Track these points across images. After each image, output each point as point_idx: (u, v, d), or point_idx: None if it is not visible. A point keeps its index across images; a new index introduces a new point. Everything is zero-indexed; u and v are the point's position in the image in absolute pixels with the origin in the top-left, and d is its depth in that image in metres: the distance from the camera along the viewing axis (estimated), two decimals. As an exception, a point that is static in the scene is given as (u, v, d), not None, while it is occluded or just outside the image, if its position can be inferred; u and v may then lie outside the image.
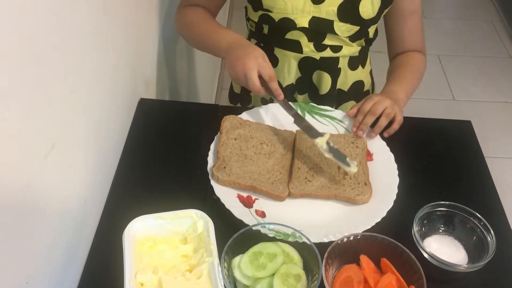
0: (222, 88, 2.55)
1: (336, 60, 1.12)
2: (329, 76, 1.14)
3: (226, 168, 0.88)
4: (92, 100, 0.83)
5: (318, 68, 1.13)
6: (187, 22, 1.10)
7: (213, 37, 1.03)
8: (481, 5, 3.45)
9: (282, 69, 1.14)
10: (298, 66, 1.13)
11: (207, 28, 1.06)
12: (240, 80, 0.94)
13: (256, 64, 0.92)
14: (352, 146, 0.96)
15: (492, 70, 2.90)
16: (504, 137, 2.47)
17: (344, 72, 1.15)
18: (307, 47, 1.09)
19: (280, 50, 1.12)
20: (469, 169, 0.99)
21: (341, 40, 1.08)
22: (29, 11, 0.58)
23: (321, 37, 1.08)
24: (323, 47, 1.09)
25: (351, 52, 1.12)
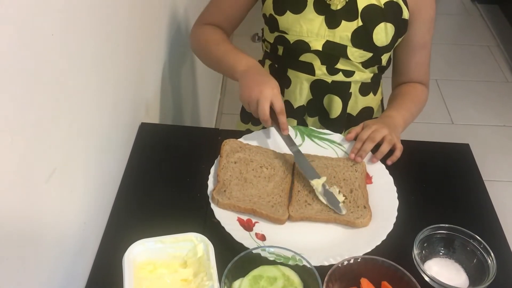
0: (222, 113, 2.56)
1: (348, 84, 1.14)
2: (340, 100, 1.15)
3: (226, 192, 0.88)
4: (94, 124, 0.84)
5: (330, 92, 1.15)
6: (204, 41, 1.13)
7: (230, 58, 1.05)
8: (477, 30, 3.50)
9: (294, 90, 1.16)
10: (310, 88, 1.15)
11: (225, 49, 1.08)
12: (251, 105, 0.96)
13: (271, 94, 0.94)
14: (351, 170, 0.96)
15: (489, 94, 2.92)
16: (503, 161, 2.48)
17: (354, 97, 1.17)
18: (320, 70, 1.11)
19: (293, 71, 1.14)
20: (468, 192, 0.99)
21: (353, 65, 1.10)
22: (32, 38, 0.60)
23: (334, 61, 1.10)
24: (336, 71, 1.11)
25: (363, 78, 1.14)
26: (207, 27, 1.15)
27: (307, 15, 1.06)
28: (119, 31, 0.93)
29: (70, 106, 0.73)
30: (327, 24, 1.06)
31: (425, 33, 1.13)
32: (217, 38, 1.11)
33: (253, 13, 1.21)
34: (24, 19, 0.57)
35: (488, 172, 1.30)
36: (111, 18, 0.88)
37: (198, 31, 1.16)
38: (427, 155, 1.06)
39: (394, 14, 1.05)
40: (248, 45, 2.70)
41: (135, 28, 1.03)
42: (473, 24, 3.57)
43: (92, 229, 0.84)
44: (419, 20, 1.09)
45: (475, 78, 3.05)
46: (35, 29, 0.60)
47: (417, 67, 1.18)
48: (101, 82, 0.86)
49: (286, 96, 1.18)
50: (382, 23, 1.05)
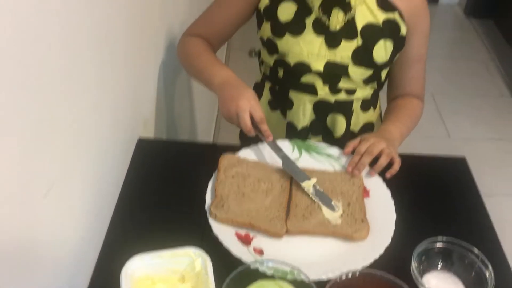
0: (220, 128, 2.57)
1: (350, 102, 1.15)
2: (344, 118, 1.16)
3: (224, 206, 0.88)
4: (92, 139, 0.84)
5: (333, 111, 1.15)
6: (188, 52, 1.14)
7: (208, 71, 1.06)
8: (472, 45, 3.53)
9: (297, 111, 1.16)
10: (313, 108, 1.15)
11: (204, 61, 1.09)
12: (232, 119, 0.97)
13: (248, 105, 0.95)
14: (349, 184, 0.97)
15: (485, 108, 2.94)
16: (500, 174, 2.48)
17: (356, 114, 1.18)
18: (322, 90, 1.12)
19: (295, 93, 1.14)
20: (466, 205, 0.99)
21: (355, 83, 1.11)
22: (30, 51, 0.60)
23: (336, 80, 1.10)
24: (338, 90, 1.12)
25: (365, 95, 1.15)
26: (193, 38, 1.16)
27: (306, 36, 1.06)
28: (118, 47, 0.94)
29: (69, 121, 0.73)
30: (327, 45, 1.07)
31: (421, 48, 1.14)
32: (200, 50, 1.12)
33: (249, 28, 1.22)
34: (22, 34, 0.58)
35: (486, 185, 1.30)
36: (109, 34, 0.89)
37: (184, 41, 1.17)
38: (423, 169, 1.06)
39: (392, 31, 1.07)
40: (244, 60, 2.71)
41: (133, 43, 1.04)
42: (468, 39, 3.61)
43: (90, 244, 0.84)
44: (415, 35, 1.11)
45: (471, 92, 3.07)
46: (34, 44, 0.61)
47: (413, 80, 1.19)
48: (99, 97, 0.86)
49: (289, 117, 1.18)
50: (381, 41, 1.06)
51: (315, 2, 1.05)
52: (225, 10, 1.15)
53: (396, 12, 1.06)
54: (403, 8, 1.07)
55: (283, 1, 1.07)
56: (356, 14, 1.05)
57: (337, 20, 1.05)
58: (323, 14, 1.05)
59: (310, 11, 1.06)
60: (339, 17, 1.05)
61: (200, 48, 1.13)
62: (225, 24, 1.16)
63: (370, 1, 1.05)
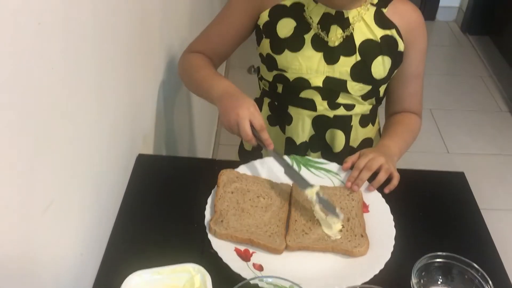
0: (219, 144, 2.58)
1: (349, 118, 1.16)
2: (343, 134, 1.17)
3: (223, 222, 0.88)
4: (91, 155, 0.84)
5: (332, 126, 1.16)
6: (188, 68, 1.15)
7: (207, 83, 1.07)
8: (469, 61, 3.56)
9: (296, 127, 1.17)
10: (312, 124, 1.16)
11: (204, 74, 1.10)
12: (233, 129, 0.97)
13: (248, 114, 0.95)
14: (348, 199, 0.97)
15: (484, 123, 2.96)
16: (499, 189, 2.49)
17: (355, 130, 1.18)
18: (321, 106, 1.12)
19: (295, 108, 1.15)
20: (465, 220, 0.99)
21: (354, 99, 1.12)
22: (32, 70, 0.61)
23: (334, 95, 1.11)
24: (337, 105, 1.13)
25: (363, 111, 1.16)
26: (193, 54, 1.17)
27: (305, 52, 1.07)
28: (117, 63, 0.95)
29: (68, 138, 0.74)
30: (326, 61, 1.08)
31: (418, 64, 1.15)
32: (200, 64, 1.13)
33: (248, 46, 1.23)
34: (25, 52, 0.59)
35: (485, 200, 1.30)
36: (110, 50, 0.90)
37: (185, 57, 1.18)
38: (422, 184, 1.06)
39: (390, 47, 1.08)
40: (243, 77, 2.73)
41: (133, 60, 1.05)
42: (465, 55, 3.64)
43: (89, 261, 0.84)
44: (412, 52, 1.12)
45: (469, 107, 3.09)
46: (37, 63, 0.62)
47: (411, 97, 1.19)
48: (99, 114, 0.87)
49: (288, 133, 1.19)
50: (380, 57, 1.07)
51: (313, 19, 1.06)
52: (225, 28, 1.16)
53: (394, 29, 1.08)
54: (401, 25, 1.08)
55: (282, 18, 1.08)
56: (354, 31, 1.06)
57: (335, 36, 1.06)
58: (322, 31, 1.06)
59: (309, 27, 1.07)
60: (338, 33, 1.06)
61: (200, 62, 1.14)
62: (226, 41, 1.17)
63: (368, 18, 1.06)
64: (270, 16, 1.09)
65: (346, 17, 1.06)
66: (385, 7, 1.08)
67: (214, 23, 1.18)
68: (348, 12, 1.06)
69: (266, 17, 1.09)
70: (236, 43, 1.18)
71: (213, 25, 1.18)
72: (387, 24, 1.07)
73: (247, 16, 1.13)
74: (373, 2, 1.07)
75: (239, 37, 1.16)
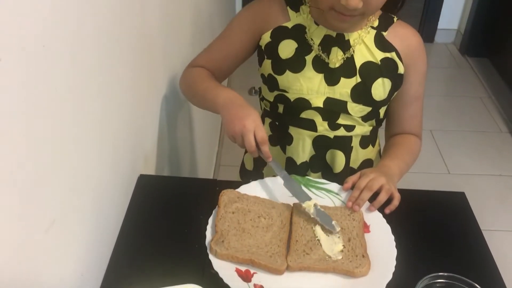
0: (220, 165, 2.58)
1: (349, 139, 1.16)
2: (343, 154, 1.17)
3: (224, 242, 0.88)
4: (93, 176, 0.85)
5: (332, 147, 1.17)
6: (191, 80, 1.17)
7: (211, 93, 1.08)
8: (468, 82, 3.59)
9: (296, 147, 1.18)
10: (312, 144, 1.17)
11: (208, 85, 1.11)
12: (237, 140, 0.99)
13: (254, 126, 0.97)
14: (349, 219, 0.97)
15: (484, 144, 2.96)
16: (501, 210, 2.48)
17: (355, 151, 1.19)
18: (322, 126, 1.13)
19: (295, 128, 1.16)
20: (466, 240, 0.99)
21: (354, 120, 1.13)
22: (36, 92, 0.62)
23: (335, 116, 1.12)
24: (337, 126, 1.14)
25: (363, 132, 1.17)
26: (196, 68, 1.18)
27: (306, 73, 1.09)
28: (119, 84, 0.96)
29: (70, 158, 0.74)
30: (327, 82, 1.09)
31: (418, 87, 1.16)
32: (203, 77, 1.15)
33: (249, 67, 1.25)
34: (30, 76, 0.60)
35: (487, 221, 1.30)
36: (112, 71, 0.91)
37: (188, 71, 1.20)
38: (423, 204, 1.06)
39: (390, 69, 1.09)
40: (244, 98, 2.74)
41: (134, 80, 1.07)
42: (464, 77, 3.67)
43: (90, 281, 0.83)
44: (412, 74, 1.13)
45: (469, 128, 3.10)
46: (41, 86, 0.63)
47: (411, 119, 1.20)
48: (101, 134, 0.87)
49: (289, 153, 1.20)
50: (380, 79, 1.08)
51: (315, 41, 1.08)
52: (227, 46, 1.18)
53: (394, 52, 1.09)
54: (401, 49, 1.10)
55: (284, 39, 1.10)
56: (355, 53, 1.08)
57: (336, 58, 1.08)
58: (323, 52, 1.08)
59: (310, 49, 1.09)
60: (338, 55, 1.08)
61: (204, 75, 1.15)
62: (227, 59, 1.19)
63: (368, 41, 1.08)
64: (272, 37, 1.11)
65: (347, 39, 1.08)
66: (385, 31, 1.10)
67: (217, 40, 1.20)
68: (349, 35, 1.08)
69: (268, 38, 1.11)
70: (238, 62, 1.20)
71: (216, 43, 1.20)
72: (387, 47, 1.09)
73: (248, 36, 1.15)
74: (373, 25, 1.09)
75: (240, 56, 1.18)
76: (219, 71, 1.19)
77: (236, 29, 1.17)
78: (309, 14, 1.09)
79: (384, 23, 1.10)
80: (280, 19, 1.11)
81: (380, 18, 1.10)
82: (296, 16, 1.10)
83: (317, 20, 1.09)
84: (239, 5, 3.73)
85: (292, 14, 1.10)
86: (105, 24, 0.85)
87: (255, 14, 1.14)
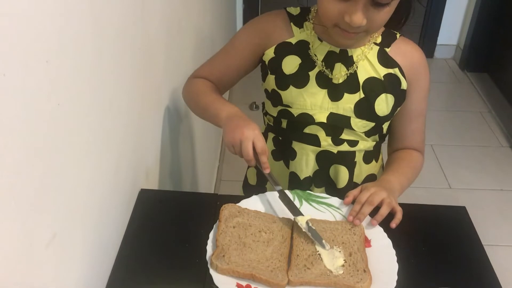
0: (221, 180, 2.58)
1: (353, 154, 1.17)
2: (346, 169, 1.18)
3: (225, 257, 0.88)
4: (94, 190, 0.85)
5: (336, 162, 1.17)
6: (193, 92, 1.18)
7: (215, 107, 1.09)
8: (468, 97, 3.60)
9: (300, 162, 1.18)
10: (316, 159, 1.17)
11: (210, 99, 1.12)
12: (235, 147, 1.00)
13: (253, 135, 0.98)
14: (350, 233, 0.97)
15: (485, 159, 2.96)
16: (502, 225, 2.47)
17: (359, 166, 1.19)
18: (325, 141, 1.14)
19: (298, 143, 1.16)
20: (468, 255, 0.99)
21: (357, 135, 1.14)
22: (39, 109, 0.63)
23: (338, 132, 1.13)
24: (341, 141, 1.14)
25: (367, 147, 1.17)
26: (199, 79, 1.20)
27: (310, 89, 1.09)
28: (121, 99, 0.97)
29: (71, 173, 0.74)
30: (330, 97, 1.10)
31: (421, 103, 1.17)
32: (206, 89, 1.16)
33: (250, 83, 1.26)
34: (34, 92, 0.61)
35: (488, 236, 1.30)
36: (113, 86, 0.92)
37: (190, 82, 1.21)
38: (424, 218, 1.06)
39: (393, 85, 1.10)
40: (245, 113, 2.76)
41: (136, 95, 1.07)
42: (464, 92, 3.69)
43: (90, 297, 0.83)
44: (415, 90, 1.14)
45: (470, 143, 3.10)
46: (45, 101, 0.63)
47: (413, 134, 1.21)
48: (102, 148, 0.88)
49: (292, 167, 1.20)
50: (383, 94, 1.09)
51: (318, 56, 1.09)
52: (230, 59, 1.19)
53: (397, 68, 1.10)
54: (403, 65, 1.11)
55: (287, 55, 1.11)
56: (358, 69, 1.09)
57: (339, 73, 1.09)
58: (326, 68, 1.09)
59: (314, 64, 1.09)
60: (342, 71, 1.09)
61: (207, 88, 1.16)
62: (230, 71, 1.20)
63: (371, 57, 1.09)
64: (275, 53, 1.12)
65: (350, 55, 1.08)
66: (388, 47, 1.11)
67: (220, 53, 1.22)
68: (352, 51, 1.09)
69: (272, 53, 1.12)
70: (240, 75, 1.21)
71: (219, 55, 1.22)
72: (390, 63, 1.10)
73: (251, 50, 1.16)
74: (376, 41, 1.10)
75: (242, 69, 1.19)
76: (220, 83, 1.20)
77: (240, 43, 1.19)
78: (312, 30, 1.10)
79: (387, 40, 1.11)
80: (283, 35, 1.12)
81: (383, 35, 1.11)
82: (299, 32, 1.11)
83: (321, 36, 1.10)
84: (239, 22, 3.76)
85: (296, 30, 1.11)
86: (107, 40, 0.86)
87: (259, 29, 1.15)
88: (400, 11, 1.03)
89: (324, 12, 0.98)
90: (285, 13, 1.13)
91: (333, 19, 0.97)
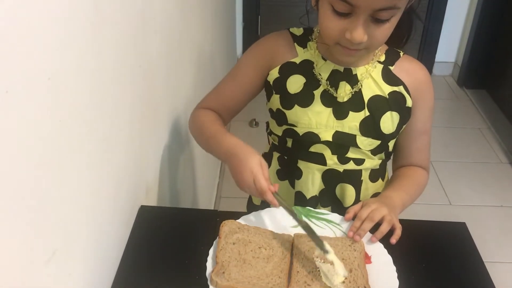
0: (221, 197, 2.58)
1: (359, 172, 1.17)
2: (353, 188, 1.17)
3: (224, 273, 0.88)
4: (94, 207, 0.85)
5: (342, 181, 1.17)
6: (198, 123, 1.17)
7: (216, 140, 1.09)
8: (467, 114, 3.62)
9: (306, 181, 1.17)
10: (321, 178, 1.17)
11: (213, 131, 1.12)
12: (251, 190, 0.98)
13: (260, 169, 0.96)
14: (350, 249, 0.96)
15: (485, 175, 2.96)
16: (503, 241, 2.46)
17: (365, 184, 1.19)
18: (331, 160, 1.14)
19: (304, 162, 1.16)
20: (469, 271, 0.98)
21: (363, 153, 1.14)
22: (40, 126, 0.63)
23: (344, 150, 1.13)
24: (347, 160, 1.14)
25: (373, 165, 1.17)
26: (204, 110, 1.19)
27: (315, 108, 1.10)
28: (122, 116, 0.98)
29: (71, 189, 0.75)
30: (335, 116, 1.10)
31: (426, 120, 1.17)
32: (209, 121, 1.16)
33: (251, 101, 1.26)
34: (34, 104, 0.61)
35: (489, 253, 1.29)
36: (115, 104, 0.93)
37: (196, 113, 1.21)
38: (424, 235, 1.06)
39: (398, 103, 1.10)
40: (246, 130, 2.76)
41: (136, 113, 1.08)
42: (463, 108, 3.70)
43: (89, 314, 0.83)
44: (420, 108, 1.14)
45: (470, 159, 3.11)
46: (44, 114, 0.64)
47: (418, 152, 1.20)
48: (103, 165, 0.88)
49: (298, 187, 1.19)
50: (388, 112, 1.09)
51: (323, 75, 1.09)
52: (235, 85, 1.19)
53: (401, 85, 1.10)
54: (408, 82, 1.11)
55: (292, 75, 1.11)
56: (362, 87, 1.09)
57: (344, 92, 1.09)
58: (331, 87, 1.09)
59: (318, 83, 1.10)
60: (346, 89, 1.09)
61: (209, 119, 1.16)
62: (236, 97, 1.20)
63: (375, 75, 1.10)
64: (280, 73, 1.12)
65: (354, 74, 1.09)
66: (392, 65, 1.11)
67: (226, 79, 1.22)
68: (356, 69, 1.09)
69: (276, 73, 1.12)
70: (246, 100, 1.20)
71: (225, 81, 1.22)
72: (394, 81, 1.10)
73: (257, 73, 1.16)
74: (380, 60, 1.11)
75: (250, 93, 1.19)
76: (228, 109, 1.20)
77: (245, 67, 1.19)
78: (316, 50, 1.11)
79: (391, 58, 1.12)
80: (287, 55, 1.12)
81: (386, 53, 1.12)
82: (303, 52, 1.12)
83: (324, 55, 1.10)
84: (239, 40, 3.77)
85: (300, 50, 1.12)
86: (109, 57, 0.87)
87: (263, 51, 1.16)
88: (402, 28, 1.04)
89: (325, 30, 0.99)
90: (289, 33, 1.14)
91: (334, 36, 0.98)
